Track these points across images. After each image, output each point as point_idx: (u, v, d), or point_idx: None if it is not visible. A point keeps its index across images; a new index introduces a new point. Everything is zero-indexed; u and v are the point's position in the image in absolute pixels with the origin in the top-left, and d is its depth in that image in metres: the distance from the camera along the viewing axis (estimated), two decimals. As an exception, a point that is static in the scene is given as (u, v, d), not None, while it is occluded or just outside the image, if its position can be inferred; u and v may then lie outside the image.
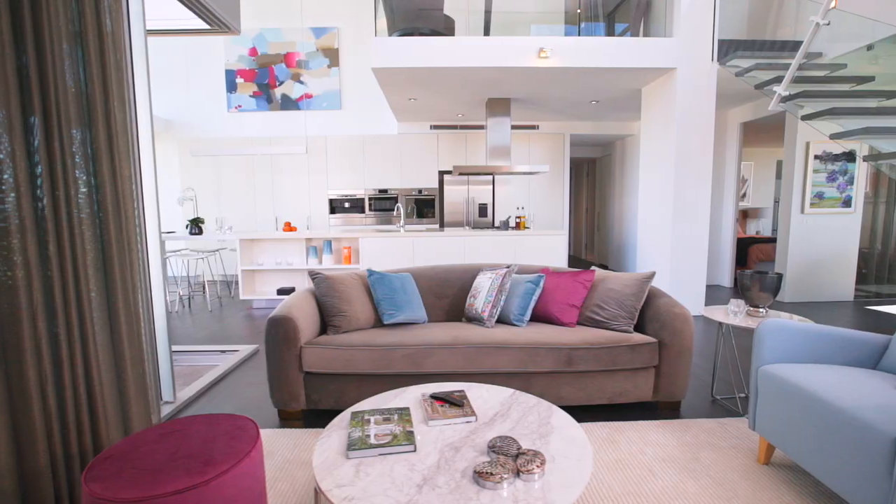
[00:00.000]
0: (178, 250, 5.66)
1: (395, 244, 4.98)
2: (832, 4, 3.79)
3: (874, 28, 3.72)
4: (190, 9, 3.00)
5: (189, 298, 5.37)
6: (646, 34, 4.85)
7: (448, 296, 3.09)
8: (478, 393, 2.03)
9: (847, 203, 4.94)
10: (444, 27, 4.51)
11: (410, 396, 2.01)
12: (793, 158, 4.95)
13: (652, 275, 2.64)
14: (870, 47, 3.65)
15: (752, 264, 6.14)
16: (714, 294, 5.71)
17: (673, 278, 4.59)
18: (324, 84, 7.01)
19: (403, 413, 1.80)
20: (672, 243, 4.53)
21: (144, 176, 2.48)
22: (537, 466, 1.41)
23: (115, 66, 1.91)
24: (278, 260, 5.21)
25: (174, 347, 3.77)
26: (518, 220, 5.27)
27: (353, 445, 1.57)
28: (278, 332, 2.41)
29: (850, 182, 4.91)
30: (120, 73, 1.96)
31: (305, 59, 6.97)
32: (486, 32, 4.83)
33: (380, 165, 6.83)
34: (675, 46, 4.28)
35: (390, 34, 4.52)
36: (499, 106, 5.40)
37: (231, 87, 6.98)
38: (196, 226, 5.03)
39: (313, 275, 2.77)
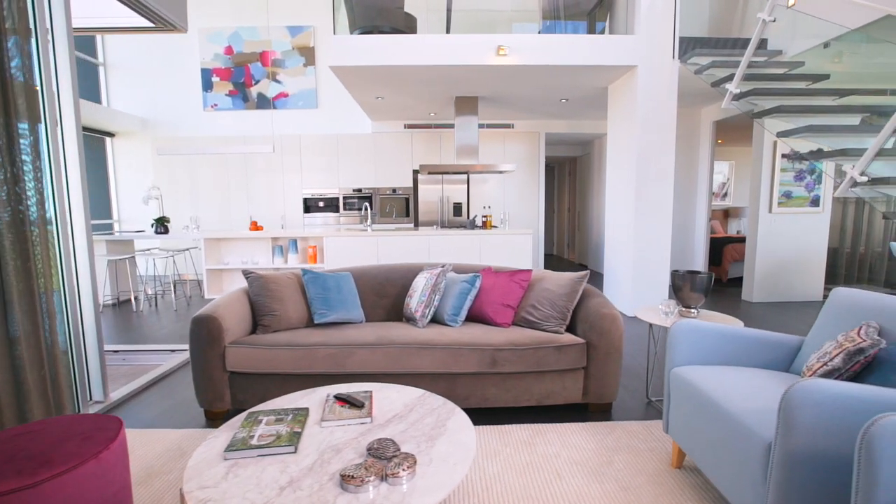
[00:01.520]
0: (148, 249, 5.67)
1: (359, 243, 4.96)
2: (790, 3, 3.74)
3: (837, 25, 3.67)
4: (131, 7, 2.99)
5: (155, 297, 5.38)
6: (610, 31, 4.81)
7: (390, 295, 3.06)
8: (386, 394, 2.01)
9: (815, 202, 4.87)
10: (406, 25, 4.48)
11: (317, 397, 1.99)
12: (760, 157, 4.90)
13: (585, 275, 2.61)
14: (826, 45, 3.59)
15: (727, 264, 6.08)
16: (687, 294, 5.65)
17: (636, 277, 4.55)
18: (300, 83, 7.00)
19: (299, 414, 1.78)
20: (635, 241, 4.49)
21: (70, 170, 2.46)
22: (404, 470, 1.39)
23: (17, 58, 1.89)
24: (244, 259, 5.20)
25: (125, 347, 3.77)
26: (485, 220, 5.24)
27: (232, 446, 1.55)
28: (201, 332, 2.39)
29: (819, 181, 4.84)
30: (28, 67, 1.95)
31: (281, 58, 6.96)
32: (448, 30, 4.80)
33: (354, 164, 6.81)
34: (635, 44, 4.24)
35: (351, 32, 4.50)
36: (466, 104, 5.37)
37: (207, 85, 6.98)
38: (162, 225, 5.02)
39: (247, 274, 2.76)
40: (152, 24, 3.29)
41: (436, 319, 2.78)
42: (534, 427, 2.33)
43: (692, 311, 2.52)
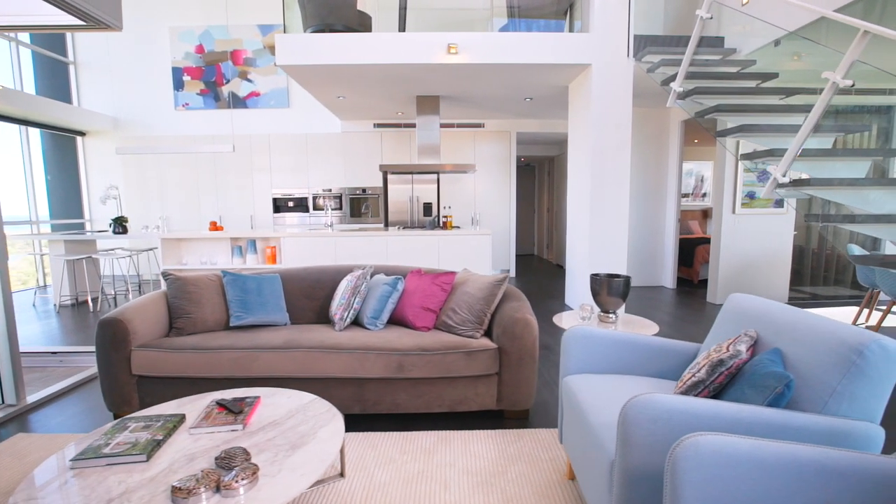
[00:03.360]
0: (111, 249, 5.66)
1: (318, 244, 4.92)
2: (744, 1, 3.66)
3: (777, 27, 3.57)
4: (55, 5, 2.95)
5: (115, 298, 5.36)
6: (570, 30, 4.74)
7: (319, 297, 3.01)
8: (275, 400, 1.96)
9: (779, 203, 4.78)
10: (360, 23, 4.43)
11: (204, 402, 1.95)
12: (723, 157, 4.81)
13: (504, 278, 2.55)
14: (777, 43, 3.51)
15: (698, 265, 5.99)
16: (656, 296, 5.58)
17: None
18: (271, 82, 6.96)
19: (170, 420, 1.73)
20: (590, 241, 4.42)
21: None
22: (239, 481, 1.34)
23: None
24: (203, 259, 5.17)
25: (65, 348, 3.74)
26: (445, 220, 5.18)
27: (81, 455, 1.51)
28: (106, 335, 2.35)
29: (782, 182, 4.74)
30: None
31: (252, 57, 6.92)
32: (403, 29, 4.74)
33: (324, 164, 6.76)
34: (589, 42, 4.16)
35: (305, 30, 4.45)
36: (427, 104, 5.31)
37: (178, 84, 6.96)
38: (120, 225, 5.00)
39: (165, 275, 2.72)
40: (83, 23, 3.26)
41: (358, 322, 2.73)
42: (441, 434, 2.28)
43: (610, 315, 2.45)
